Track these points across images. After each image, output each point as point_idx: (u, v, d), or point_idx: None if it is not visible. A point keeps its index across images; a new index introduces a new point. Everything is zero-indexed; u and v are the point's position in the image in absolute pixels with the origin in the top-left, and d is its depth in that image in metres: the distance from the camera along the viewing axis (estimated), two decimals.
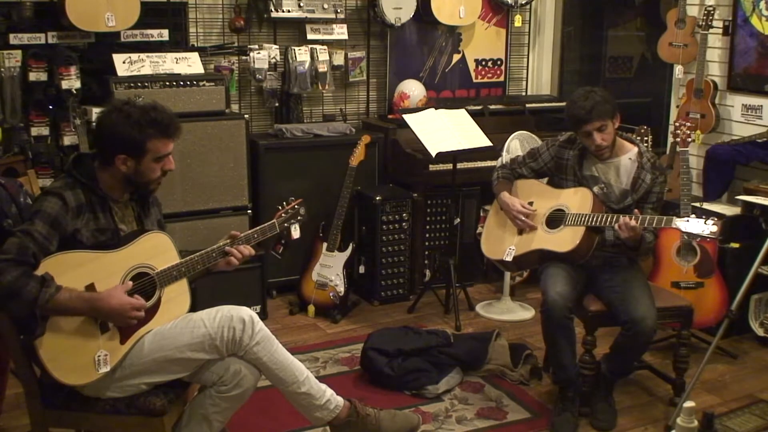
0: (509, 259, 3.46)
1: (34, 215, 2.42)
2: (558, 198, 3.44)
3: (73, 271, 2.42)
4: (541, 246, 3.39)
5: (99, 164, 2.59)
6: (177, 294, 2.62)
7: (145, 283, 2.55)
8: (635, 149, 3.39)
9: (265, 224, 2.85)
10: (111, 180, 2.58)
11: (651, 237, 3.34)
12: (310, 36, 4.85)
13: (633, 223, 3.12)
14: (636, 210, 3.22)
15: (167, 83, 4.12)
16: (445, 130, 4.44)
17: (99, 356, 2.45)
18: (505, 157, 4.30)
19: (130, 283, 2.51)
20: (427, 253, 4.87)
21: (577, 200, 3.36)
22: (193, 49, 4.52)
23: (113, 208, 2.60)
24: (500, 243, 3.55)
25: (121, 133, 2.51)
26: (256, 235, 2.79)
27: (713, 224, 2.99)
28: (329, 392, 2.80)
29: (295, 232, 2.94)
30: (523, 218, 3.45)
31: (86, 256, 2.47)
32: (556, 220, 3.40)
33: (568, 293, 3.24)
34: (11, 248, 2.34)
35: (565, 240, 3.32)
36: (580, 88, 3.38)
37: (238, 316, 2.59)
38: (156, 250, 2.60)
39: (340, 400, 2.83)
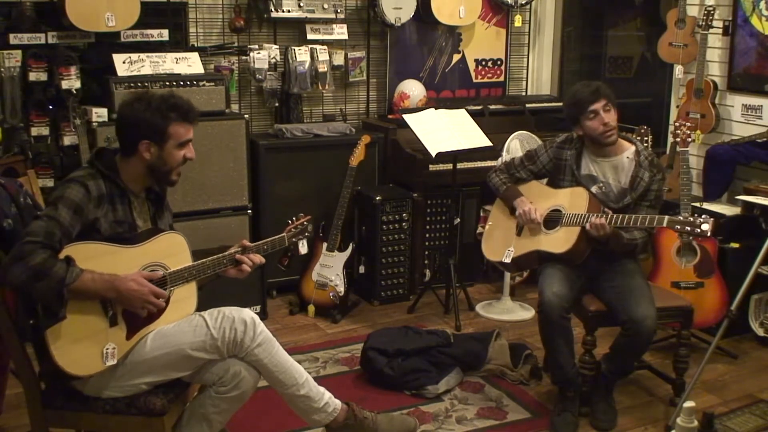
0: (508, 260, 3.47)
1: (57, 200, 2.44)
2: (555, 198, 3.44)
3: (89, 261, 2.43)
4: (538, 247, 3.40)
5: (120, 157, 2.63)
6: (185, 296, 2.64)
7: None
8: (633, 147, 3.40)
9: (275, 237, 2.89)
10: (133, 171, 2.61)
11: (638, 234, 3.33)
12: (310, 36, 4.86)
13: (602, 221, 3.16)
14: (607, 209, 3.26)
15: (167, 83, 4.12)
16: (445, 130, 4.44)
17: (107, 349, 2.46)
18: (505, 157, 4.30)
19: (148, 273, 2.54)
20: (427, 253, 4.87)
21: (573, 200, 3.37)
22: (193, 49, 4.52)
23: (133, 201, 2.63)
24: (499, 244, 3.55)
25: (144, 119, 2.56)
26: (265, 247, 2.83)
27: (705, 222, 3.00)
28: (327, 395, 2.82)
29: (303, 248, 3.01)
30: (526, 218, 3.44)
31: (104, 249, 2.48)
32: (553, 220, 3.40)
33: (564, 293, 3.24)
34: (39, 231, 2.35)
35: (561, 241, 3.33)
36: (577, 83, 3.44)
37: (240, 318, 2.60)
38: (171, 250, 2.63)
39: (338, 403, 2.85)
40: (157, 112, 2.56)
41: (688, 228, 3.04)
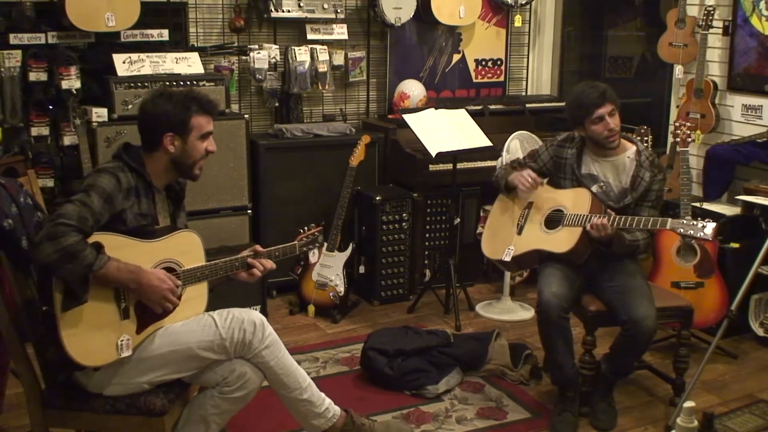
0: (508, 259, 3.47)
1: (89, 188, 2.46)
2: (558, 198, 3.44)
3: (110, 252, 2.44)
4: (539, 246, 3.40)
5: (144, 152, 2.67)
6: (196, 295, 2.66)
7: None
8: (634, 147, 3.40)
9: (287, 245, 2.92)
10: (157, 167, 2.66)
11: (640, 236, 3.33)
12: (310, 36, 4.86)
13: (604, 221, 3.15)
14: (609, 210, 3.25)
15: (167, 83, 4.12)
16: (445, 130, 4.44)
17: (122, 340, 2.48)
18: (505, 157, 4.30)
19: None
20: (427, 253, 4.87)
21: (576, 201, 3.36)
22: (193, 49, 4.52)
23: (156, 197, 2.67)
24: (500, 243, 3.55)
25: (167, 112, 2.62)
26: (277, 253, 2.86)
27: (709, 227, 3.00)
28: (327, 401, 2.84)
29: (313, 257, 3.04)
30: (529, 181, 3.44)
31: (123, 241, 2.50)
32: (554, 220, 3.40)
33: (563, 293, 3.24)
34: (72, 214, 2.37)
35: (562, 241, 3.33)
36: (580, 83, 3.42)
37: (249, 319, 2.62)
38: (186, 248, 2.65)
39: (337, 410, 2.86)
40: (179, 104, 2.63)
41: (691, 231, 3.04)
